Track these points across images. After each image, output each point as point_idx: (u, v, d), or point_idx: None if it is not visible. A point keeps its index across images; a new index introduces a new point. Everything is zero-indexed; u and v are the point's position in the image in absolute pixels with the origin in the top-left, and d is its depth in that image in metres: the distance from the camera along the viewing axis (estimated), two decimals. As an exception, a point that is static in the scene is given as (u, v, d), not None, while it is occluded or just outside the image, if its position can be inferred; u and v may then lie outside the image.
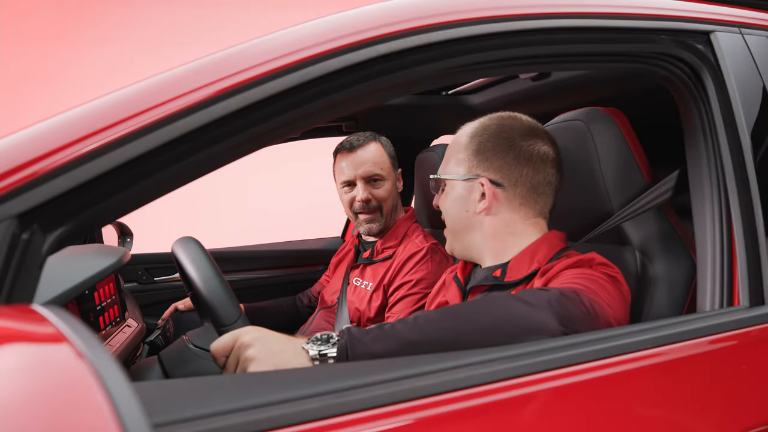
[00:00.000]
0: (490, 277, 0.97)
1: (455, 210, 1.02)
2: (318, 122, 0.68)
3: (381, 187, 1.59)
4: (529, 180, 0.97)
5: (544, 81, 1.50)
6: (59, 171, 0.52)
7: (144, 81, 0.60)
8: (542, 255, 0.95)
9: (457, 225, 1.02)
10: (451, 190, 1.02)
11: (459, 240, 1.04)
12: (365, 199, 1.58)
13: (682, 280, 0.96)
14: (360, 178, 1.58)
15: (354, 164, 1.58)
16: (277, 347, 0.68)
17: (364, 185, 1.58)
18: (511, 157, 0.97)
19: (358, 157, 1.58)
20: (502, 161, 0.97)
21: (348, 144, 1.62)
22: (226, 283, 1.06)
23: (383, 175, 1.59)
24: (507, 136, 0.98)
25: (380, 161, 1.59)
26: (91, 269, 0.80)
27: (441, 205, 1.06)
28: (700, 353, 0.72)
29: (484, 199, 0.98)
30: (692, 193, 0.90)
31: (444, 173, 1.04)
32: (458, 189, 1.01)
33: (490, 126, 1.01)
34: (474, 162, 0.99)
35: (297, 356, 0.68)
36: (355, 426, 0.51)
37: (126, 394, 0.36)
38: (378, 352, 0.67)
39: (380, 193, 1.59)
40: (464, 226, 1.01)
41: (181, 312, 1.83)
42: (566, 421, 0.61)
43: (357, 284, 1.63)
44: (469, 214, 1.00)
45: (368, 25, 0.66)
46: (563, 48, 0.79)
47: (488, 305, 0.74)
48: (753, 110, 0.87)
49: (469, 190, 0.99)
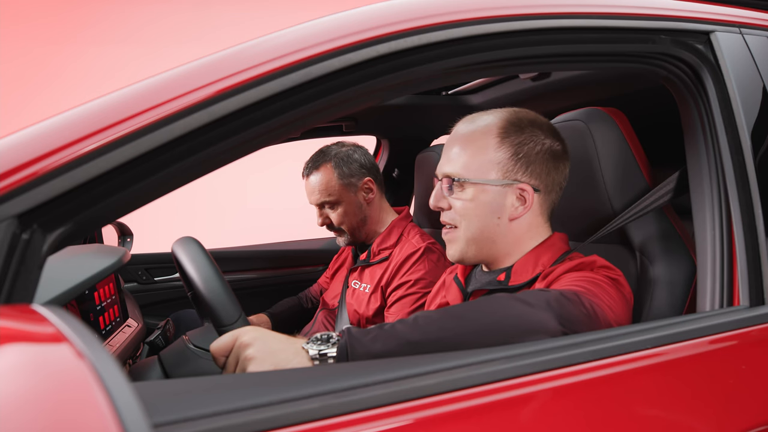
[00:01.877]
0: (494, 281, 0.96)
1: (484, 216, 0.94)
2: (318, 122, 0.68)
3: (335, 210, 1.62)
4: (559, 183, 0.97)
5: (544, 81, 1.50)
6: (59, 171, 0.52)
7: (144, 81, 0.60)
8: (546, 258, 0.94)
9: (482, 232, 0.94)
10: (481, 194, 0.93)
11: (478, 246, 0.96)
12: (321, 223, 1.66)
13: (682, 280, 0.96)
14: (314, 204, 1.65)
15: (308, 191, 1.65)
16: (277, 347, 0.68)
17: (319, 211, 1.65)
18: (550, 162, 0.94)
19: (309, 185, 1.64)
20: (542, 166, 0.94)
21: (305, 169, 1.67)
22: (226, 283, 1.06)
23: (332, 200, 1.61)
24: (541, 139, 0.94)
25: (328, 187, 1.60)
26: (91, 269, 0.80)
27: (460, 208, 0.95)
28: (700, 353, 0.72)
29: (522, 206, 0.94)
30: (692, 194, 0.90)
31: (470, 175, 0.94)
32: (491, 194, 0.93)
33: (521, 126, 0.95)
34: (512, 166, 0.93)
35: (297, 356, 0.68)
36: (355, 426, 0.51)
37: (126, 394, 0.36)
38: (378, 351, 0.67)
39: (334, 217, 1.63)
40: (491, 234, 0.94)
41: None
42: (566, 421, 0.61)
43: (355, 287, 1.63)
44: (501, 221, 0.94)
45: (368, 25, 0.66)
46: (563, 48, 0.79)
47: (488, 306, 0.74)
48: (753, 110, 0.87)
49: (502, 196, 0.93)
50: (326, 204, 1.62)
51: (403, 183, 2.22)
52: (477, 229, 0.95)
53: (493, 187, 0.93)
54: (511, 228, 0.95)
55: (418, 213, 1.90)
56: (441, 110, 1.91)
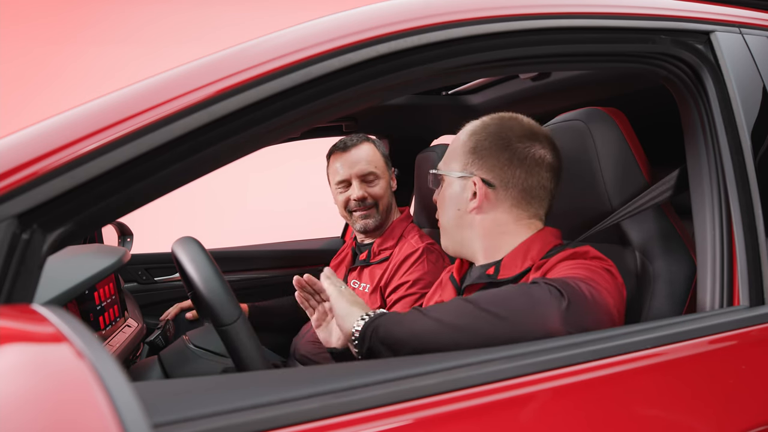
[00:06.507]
0: (483, 275, 0.97)
1: (449, 207, 1.02)
2: (318, 122, 0.68)
3: (376, 185, 1.60)
4: (522, 182, 0.96)
5: (544, 81, 1.49)
6: (59, 171, 0.52)
7: (144, 81, 0.60)
8: (536, 251, 0.95)
9: (449, 222, 1.03)
10: (448, 187, 1.02)
11: (450, 237, 1.04)
12: (361, 197, 1.58)
13: (682, 280, 0.96)
14: (355, 177, 1.59)
15: (348, 163, 1.59)
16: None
17: (359, 183, 1.59)
18: (504, 158, 0.96)
19: (352, 156, 1.60)
20: (495, 161, 0.97)
21: (342, 144, 1.63)
22: (226, 283, 1.06)
23: (378, 173, 1.60)
24: (504, 137, 0.97)
25: (374, 160, 1.61)
26: (91, 269, 0.80)
27: (438, 201, 1.06)
28: (700, 353, 0.72)
29: (475, 198, 0.97)
30: (692, 193, 0.90)
31: (442, 169, 1.05)
32: (453, 186, 1.01)
33: (489, 125, 1.01)
34: (469, 160, 0.99)
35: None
36: (355, 426, 0.51)
37: (126, 394, 0.36)
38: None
39: (376, 191, 1.60)
40: (456, 224, 1.01)
41: (185, 311, 1.83)
42: (566, 421, 0.61)
43: (355, 287, 1.63)
44: (461, 212, 1.00)
45: (368, 25, 0.66)
46: (563, 48, 0.79)
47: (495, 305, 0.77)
48: (753, 110, 0.87)
49: (462, 188, 0.99)
50: (371, 175, 1.59)
51: (403, 183, 2.22)
52: (445, 220, 1.04)
53: (454, 179, 1.01)
54: (476, 221, 0.99)
55: (418, 213, 1.90)
56: (441, 110, 1.91)
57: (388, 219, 1.65)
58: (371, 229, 1.63)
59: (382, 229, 1.64)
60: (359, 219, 1.61)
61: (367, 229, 1.62)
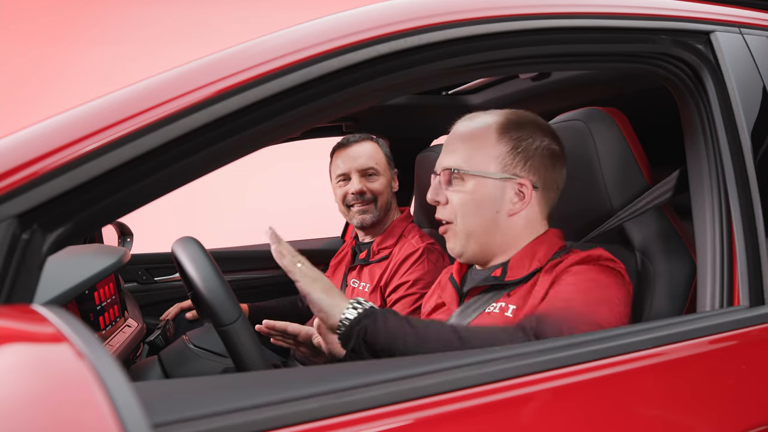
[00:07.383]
0: (489, 277, 0.96)
1: (482, 210, 0.94)
2: (318, 122, 0.68)
3: (376, 180, 1.61)
4: (558, 183, 0.98)
5: (544, 81, 1.50)
6: (59, 171, 0.52)
7: (144, 81, 0.60)
8: (542, 254, 0.95)
9: (480, 225, 0.95)
10: (481, 188, 0.94)
11: (477, 241, 0.96)
12: (359, 191, 1.58)
13: (683, 280, 0.96)
14: (355, 171, 1.60)
15: (349, 158, 1.61)
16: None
17: (358, 177, 1.60)
18: (548, 160, 0.96)
19: (354, 151, 1.61)
20: (540, 163, 0.95)
21: (344, 141, 1.65)
22: (226, 283, 1.06)
23: (378, 169, 1.61)
24: (540, 137, 0.96)
25: (375, 156, 1.62)
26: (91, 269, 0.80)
27: (457, 202, 0.95)
28: (700, 353, 0.72)
29: (520, 202, 0.95)
30: (692, 193, 0.90)
31: (470, 168, 0.95)
32: (490, 188, 0.94)
33: (521, 123, 0.97)
34: (511, 161, 0.94)
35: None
36: (355, 426, 0.51)
37: (126, 394, 0.36)
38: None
39: (375, 186, 1.60)
40: (489, 227, 0.95)
41: (185, 311, 1.83)
42: (566, 421, 0.61)
43: (354, 286, 1.63)
44: (500, 215, 0.95)
45: (368, 25, 0.66)
46: (563, 48, 0.79)
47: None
48: (753, 110, 0.87)
49: (501, 190, 0.94)
50: (371, 171, 1.60)
51: (403, 183, 2.22)
52: (475, 224, 0.95)
53: (492, 180, 0.94)
54: (509, 223, 0.96)
55: (418, 213, 1.90)
56: (441, 110, 1.91)
57: (387, 217, 1.65)
58: (368, 225, 1.62)
59: (381, 228, 1.64)
60: (357, 214, 1.61)
61: (364, 225, 1.62)
